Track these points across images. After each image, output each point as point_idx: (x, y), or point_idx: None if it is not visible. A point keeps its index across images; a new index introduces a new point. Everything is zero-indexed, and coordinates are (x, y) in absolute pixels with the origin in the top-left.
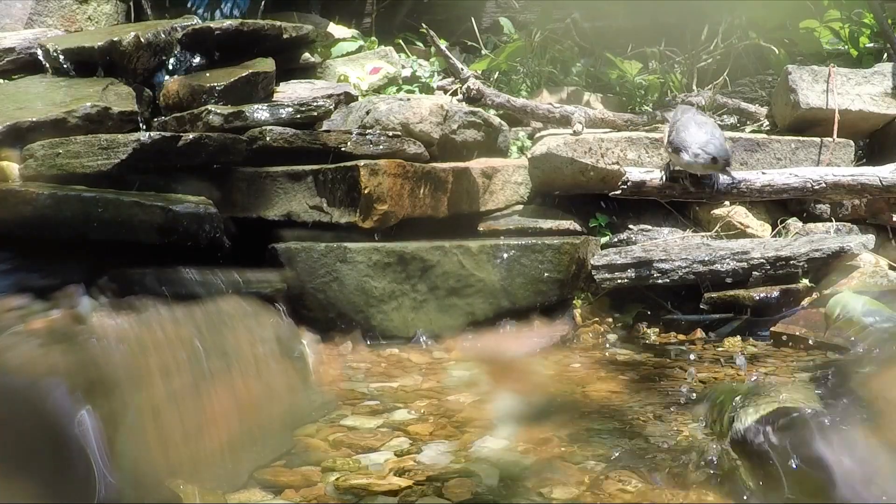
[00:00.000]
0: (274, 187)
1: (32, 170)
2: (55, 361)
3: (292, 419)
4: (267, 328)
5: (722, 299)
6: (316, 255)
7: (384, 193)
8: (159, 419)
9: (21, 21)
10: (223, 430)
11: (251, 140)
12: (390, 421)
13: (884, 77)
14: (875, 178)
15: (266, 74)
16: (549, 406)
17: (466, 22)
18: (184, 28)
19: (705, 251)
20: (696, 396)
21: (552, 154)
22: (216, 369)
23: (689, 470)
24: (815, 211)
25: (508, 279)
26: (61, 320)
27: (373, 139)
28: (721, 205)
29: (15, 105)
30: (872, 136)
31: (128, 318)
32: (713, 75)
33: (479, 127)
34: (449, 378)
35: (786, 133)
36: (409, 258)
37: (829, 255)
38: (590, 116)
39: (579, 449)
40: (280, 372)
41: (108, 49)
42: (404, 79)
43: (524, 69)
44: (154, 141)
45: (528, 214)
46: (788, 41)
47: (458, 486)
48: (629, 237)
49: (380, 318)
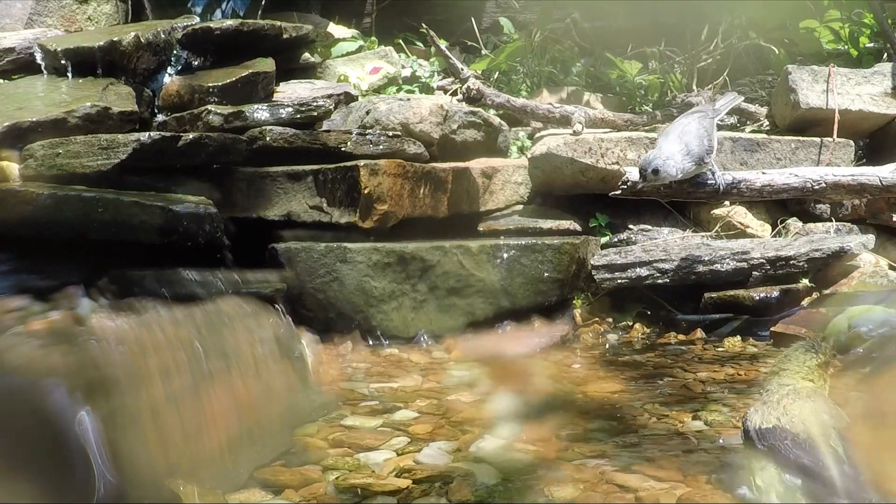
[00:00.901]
0: (274, 187)
1: (32, 170)
2: (55, 362)
3: (292, 419)
4: (266, 329)
5: (722, 299)
6: (316, 255)
7: (384, 193)
8: (159, 419)
9: (21, 21)
10: (222, 431)
11: (251, 140)
12: (390, 421)
13: (884, 77)
14: (875, 177)
15: (266, 74)
16: (549, 406)
17: (466, 22)
18: (184, 28)
19: (705, 251)
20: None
21: (552, 154)
22: (216, 370)
23: (690, 468)
24: (815, 211)
25: (508, 279)
26: (61, 322)
27: (373, 139)
28: (721, 205)
29: (15, 105)
30: (872, 136)
31: (128, 320)
32: (713, 75)
33: (479, 127)
34: (449, 378)
35: (786, 133)
36: (409, 258)
37: (829, 255)
38: (590, 116)
39: (579, 448)
40: (279, 372)
41: (108, 49)
42: (404, 79)
43: (524, 69)
44: (154, 141)
45: (528, 214)
46: (788, 41)
47: (458, 485)
48: (629, 237)
49: (380, 318)
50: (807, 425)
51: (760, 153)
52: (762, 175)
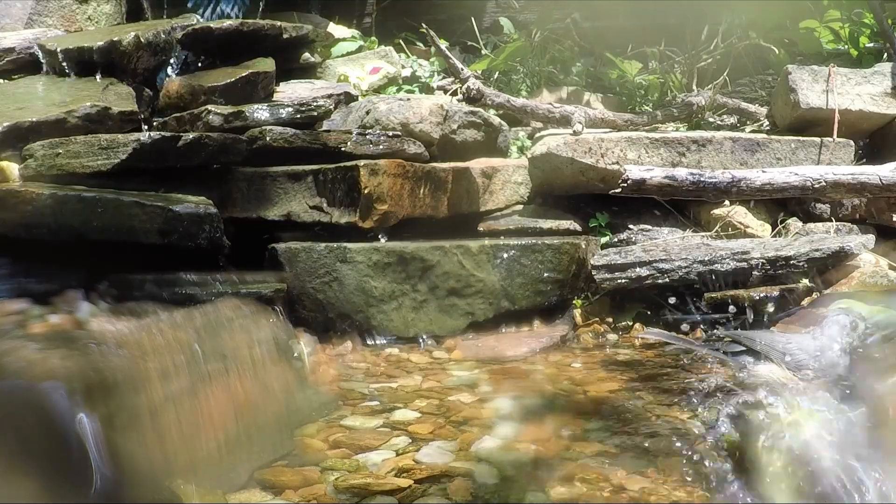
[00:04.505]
0: (274, 187)
1: (32, 170)
2: (54, 366)
3: (291, 420)
4: (265, 330)
5: (722, 299)
6: (316, 255)
7: (384, 193)
8: (158, 421)
9: (21, 21)
10: (221, 431)
11: (251, 140)
12: (390, 421)
13: (884, 77)
14: (875, 176)
15: (266, 74)
16: (549, 406)
17: (466, 22)
18: (184, 28)
19: (705, 251)
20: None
21: (552, 154)
22: (214, 372)
23: (691, 468)
24: (815, 211)
25: (508, 279)
26: (60, 325)
27: (373, 139)
28: (721, 204)
29: (15, 105)
30: (872, 136)
31: (127, 324)
32: (713, 75)
33: (479, 127)
34: (449, 378)
35: (786, 133)
36: (409, 258)
37: (829, 255)
38: (590, 116)
39: (579, 448)
40: (277, 373)
41: (108, 49)
42: (404, 79)
43: (524, 69)
44: (154, 141)
45: (528, 214)
46: (788, 41)
47: (458, 485)
48: (629, 237)
49: (380, 319)
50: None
51: (760, 153)
52: (762, 173)
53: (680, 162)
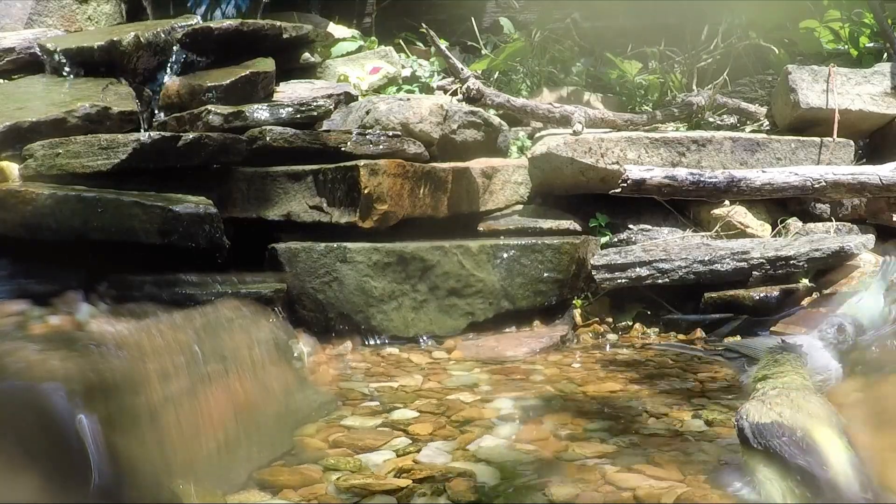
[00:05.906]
0: (274, 187)
1: (32, 170)
2: (54, 367)
3: (291, 420)
4: (264, 330)
5: (722, 299)
6: (316, 255)
7: (384, 193)
8: (157, 422)
9: (21, 21)
10: (220, 432)
11: (251, 140)
12: (390, 421)
13: (884, 77)
14: (875, 176)
15: (266, 74)
16: (549, 406)
17: (466, 22)
18: (184, 28)
19: (705, 251)
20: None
21: (552, 154)
22: (214, 372)
23: (690, 468)
24: (815, 211)
25: (508, 279)
26: (60, 326)
27: (373, 139)
28: (721, 204)
29: (15, 105)
30: (872, 136)
31: (127, 325)
32: (713, 75)
33: (479, 127)
34: (449, 378)
35: (786, 133)
36: (409, 258)
37: (829, 255)
38: (590, 116)
39: (579, 448)
40: (277, 373)
41: (108, 49)
42: (404, 79)
43: (524, 69)
44: (154, 141)
45: (528, 214)
46: (788, 41)
47: (458, 485)
48: (629, 237)
49: (380, 319)
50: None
51: (760, 153)
52: (762, 173)
53: (680, 162)
